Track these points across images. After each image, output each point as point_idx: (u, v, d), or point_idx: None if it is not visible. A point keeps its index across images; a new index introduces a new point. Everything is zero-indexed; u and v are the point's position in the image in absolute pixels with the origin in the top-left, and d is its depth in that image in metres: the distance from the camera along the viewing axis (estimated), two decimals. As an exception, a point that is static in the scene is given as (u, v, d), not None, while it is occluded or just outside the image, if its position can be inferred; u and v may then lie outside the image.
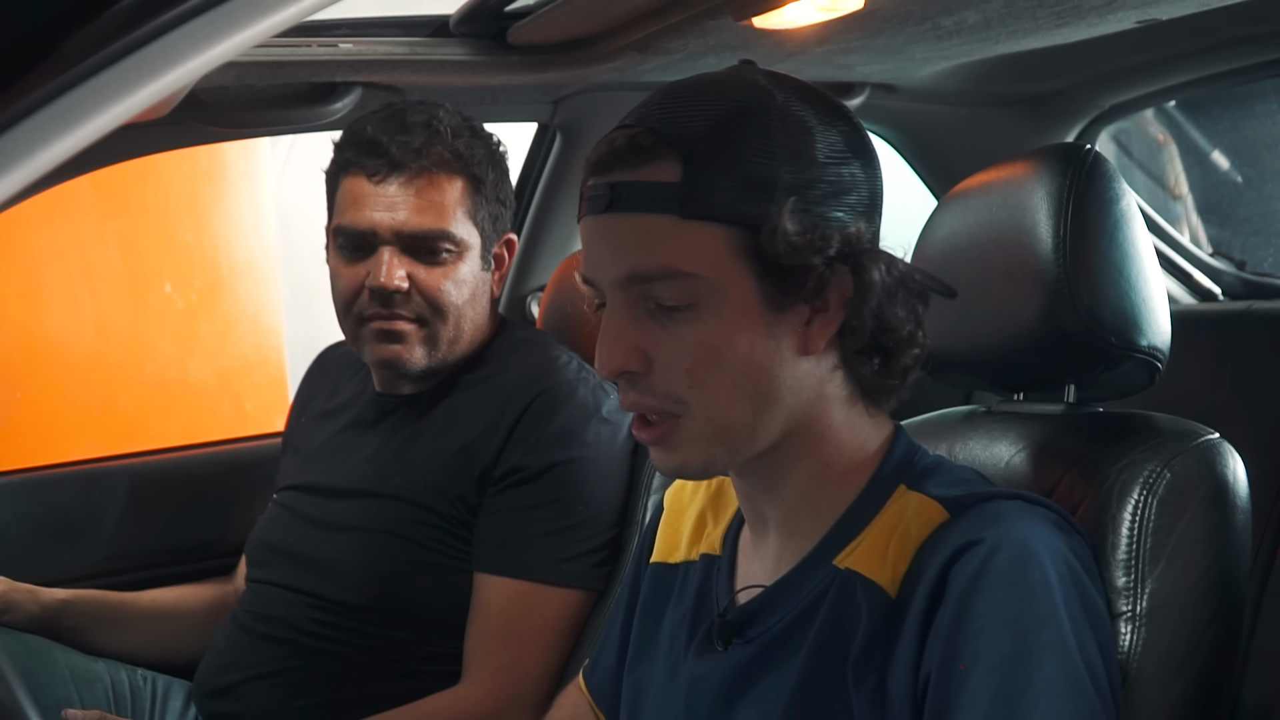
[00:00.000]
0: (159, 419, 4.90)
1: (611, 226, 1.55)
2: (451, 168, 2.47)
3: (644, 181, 1.52)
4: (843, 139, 1.55)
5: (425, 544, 2.45)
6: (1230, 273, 3.63)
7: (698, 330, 1.52)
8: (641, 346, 1.55)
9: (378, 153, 2.44)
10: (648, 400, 1.56)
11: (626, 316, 1.55)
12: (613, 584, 2.44)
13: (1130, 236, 1.73)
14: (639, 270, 1.53)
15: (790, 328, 1.54)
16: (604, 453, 2.48)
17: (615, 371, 1.56)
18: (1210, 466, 1.64)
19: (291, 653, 2.47)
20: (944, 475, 1.61)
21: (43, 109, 1.02)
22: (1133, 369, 1.76)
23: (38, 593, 2.68)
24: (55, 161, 1.01)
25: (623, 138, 1.54)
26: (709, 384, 1.53)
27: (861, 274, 1.53)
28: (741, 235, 1.50)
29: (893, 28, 2.53)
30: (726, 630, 1.66)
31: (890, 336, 1.58)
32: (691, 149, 1.50)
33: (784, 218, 1.48)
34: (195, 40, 1.06)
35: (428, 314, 2.48)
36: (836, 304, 1.54)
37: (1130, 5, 2.41)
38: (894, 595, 1.51)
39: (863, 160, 1.57)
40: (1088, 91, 3.41)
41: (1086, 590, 1.49)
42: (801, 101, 1.55)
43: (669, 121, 1.53)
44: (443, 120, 2.48)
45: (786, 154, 1.50)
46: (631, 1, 2.39)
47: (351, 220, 2.47)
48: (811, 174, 1.51)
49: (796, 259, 1.49)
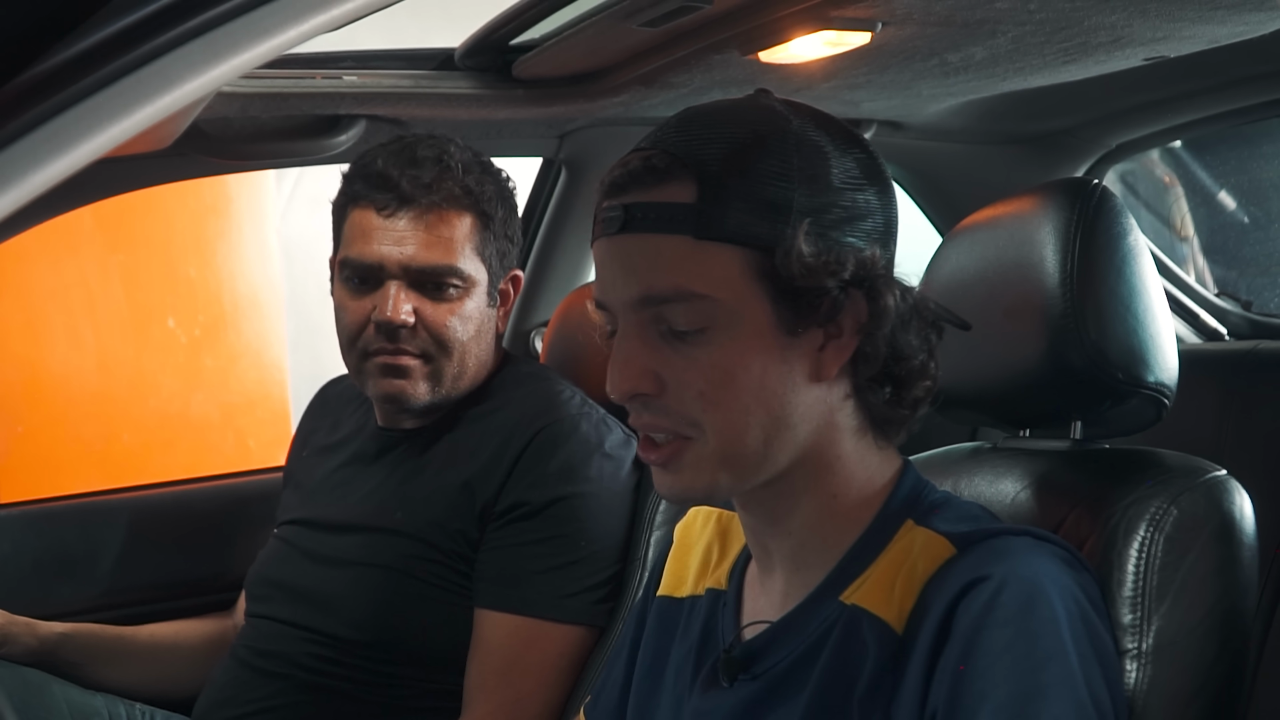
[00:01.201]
0: (161, 453, 4.90)
1: (625, 247, 1.55)
2: (461, 204, 2.45)
3: (659, 203, 1.52)
4: (858, 165, 1.55)
5: (426, 579, 2.44)
6: (1236, 313, 3.63)
7: (711, 353, 1.52)
8: (654, 369, 1.54)
9: (388, 186, 2.43)
10: (662, 421, 1.56)
11: (639, 339, 1.55)
12: (614, 620, 2.42)
13: (1138, 271, 1.73)
14: (653, 291, 1.52)
15: (803, 353, 1.53)
16: (607, 488, 2.46)
17: (627, 394, 1.56)
18: (1217, 503, 1.63)
19: (290, 688, 2.45)
20: (951, 511, 1.61)
21: (35, 130, 1.01)
22: (1139, 405, 1.75)
23: (36, 626, 2.67)
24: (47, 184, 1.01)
25: (638, 160, 1.54)
26: (722, 407, 1.52)
27: (876, 299, 1.53)
28: (756, 258, 1.50)
29: (900, 64, 2.53)
30: (732, 666, 1.64)
31: (903, 365, 1.57)
32: (706, 171, 1.50)
33: (799, 240, 1.47)
34: (190, 64, 1.06)
35: (433, 349, 2.47)
36: (850, 329, 1.54)
37: (1138, 43, 2.41)
38: (900, 632, 1.50)
39: (878, 187, 1.57)
40: (1095, 130, 3.41)
41: (1094, 627, 1.48)
42: (817, 128, 1.55)
43: (684, 144, 1.53)
44: (454, 155, 2.47)
45: (802, 178, 1.50)
46: (637, 36, 2.39)
47: (359, 253, 2.45)
48: (827, 198, 1.51)
49: (811, 281, 1.49)
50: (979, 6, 2.15)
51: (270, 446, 5.08)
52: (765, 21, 2.26)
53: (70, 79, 1.03)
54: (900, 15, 2.19)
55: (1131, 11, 2.21)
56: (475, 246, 2.48)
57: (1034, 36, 2.35)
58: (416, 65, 2.63)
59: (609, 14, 2.28)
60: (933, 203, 3.62)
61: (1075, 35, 2.34)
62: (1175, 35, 2.37)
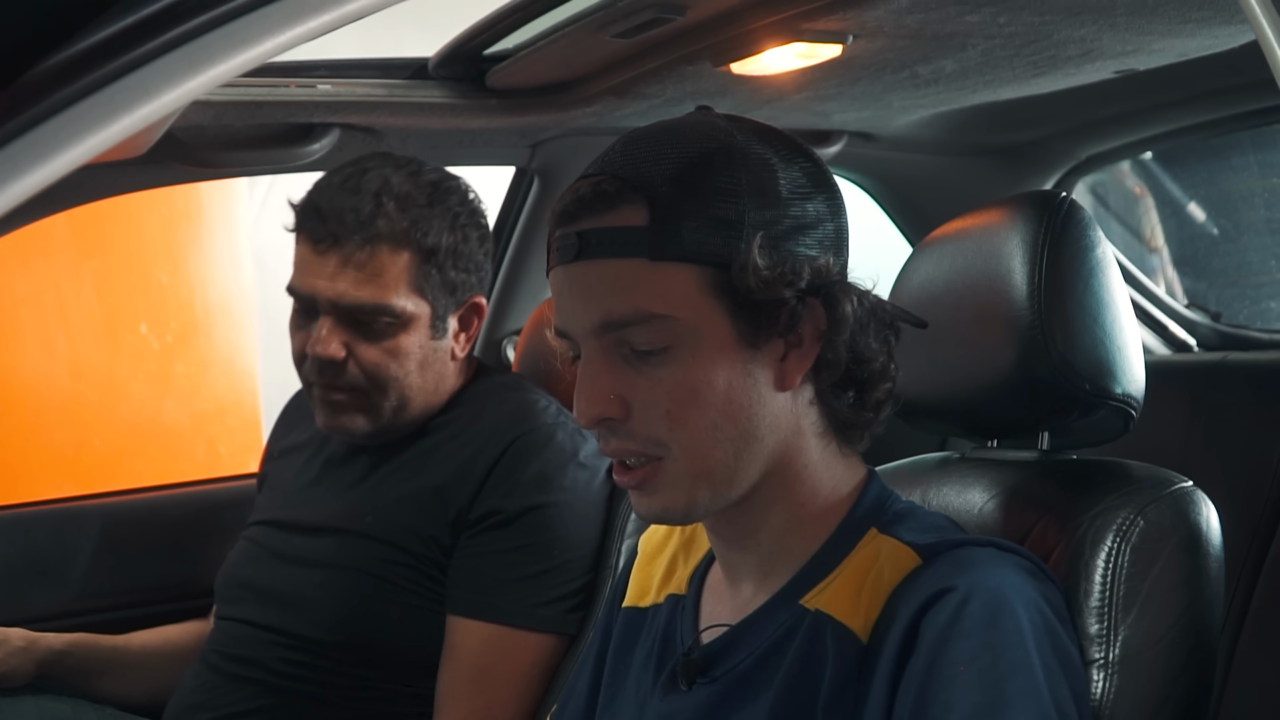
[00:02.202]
0: (132, 460, 4.88)
1: (582, 274, 1.56)
2: (397, 240, 2.41)
3: (612, 227, 1.53)
4: (805, 175, 1.56)
5: (397, 583, 2.44)
6: (1205, 324, 3.64)
7: (675, 372, 1.52)
8: (619, 393, 1.55)
9: (323, 221, 2.41)
10: (629, 445, 1.56)
11: (602, 364, 1.56)
12: (586, 628, 2.42)
13: (1105, 284, 1.74)
14: (612, 316, 1.53)
15: (766, 364, 1.54)
16: (581, 497, 2.47)
17: (594, 420, 1.56)
18: (1184, 514, 1.64)
19: (261, 692, 2.45)
20: (916, 521, 1.62)
21: (14, 140, 1.02)
22: (1107, 416, 1.76)
23: (36, 642, 2.66)
24: (28, 193, 1.01)
25: (587, 186, 1.55)
26: (689, 424, 1.53)
27: (834, 306, 1.54)
28: (712, 274, 1.51)
29: (870, 76, 2.54)
30: (691, 670, 1.65)
31: (865, 368, 1.58)
32: (656, 192, 1.51)
33: (753, 253, 1.48)
34: (168, 75, 1.06)
35: (364, 385, 2.46)
36: (811, 337, 1.55)
37: (1108, 56, 2.43)
38: (865, 640, 1.51)
39: (826, 194, 1.58)
40: (1065, 142, 3.43)
41: (1059, 638, 1.49)
42: (761, 141, 1.56)
43: (632, 167, 1.54)
44: (395, 188, 2.42)
45: (751, 191, 1.51)
46: (610, 47, 2.40)
47: (296, 284, 2.46)
48: (777, 210, 1.52)
49: (768, 293, 1.50)
50: (949, 20, 2.16)
51: (241, 453, 5.06)
52: (737, 34, 2.27)
53: (50, 90, 1.04)
54: (871, 28, 2.20)
55: (1101, 25, 2.23)
56: (411, 283, 2.44)
57: (1004, 49, 2.36)
58: (390, 74, 2.63)
59: (582, 25, 2.29)
60: (903, 213, 3.63)
61: (1045, 48, 2.36)
62: (1145, 48, 2.39)
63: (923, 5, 2.07)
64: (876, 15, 2.12)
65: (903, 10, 2.09)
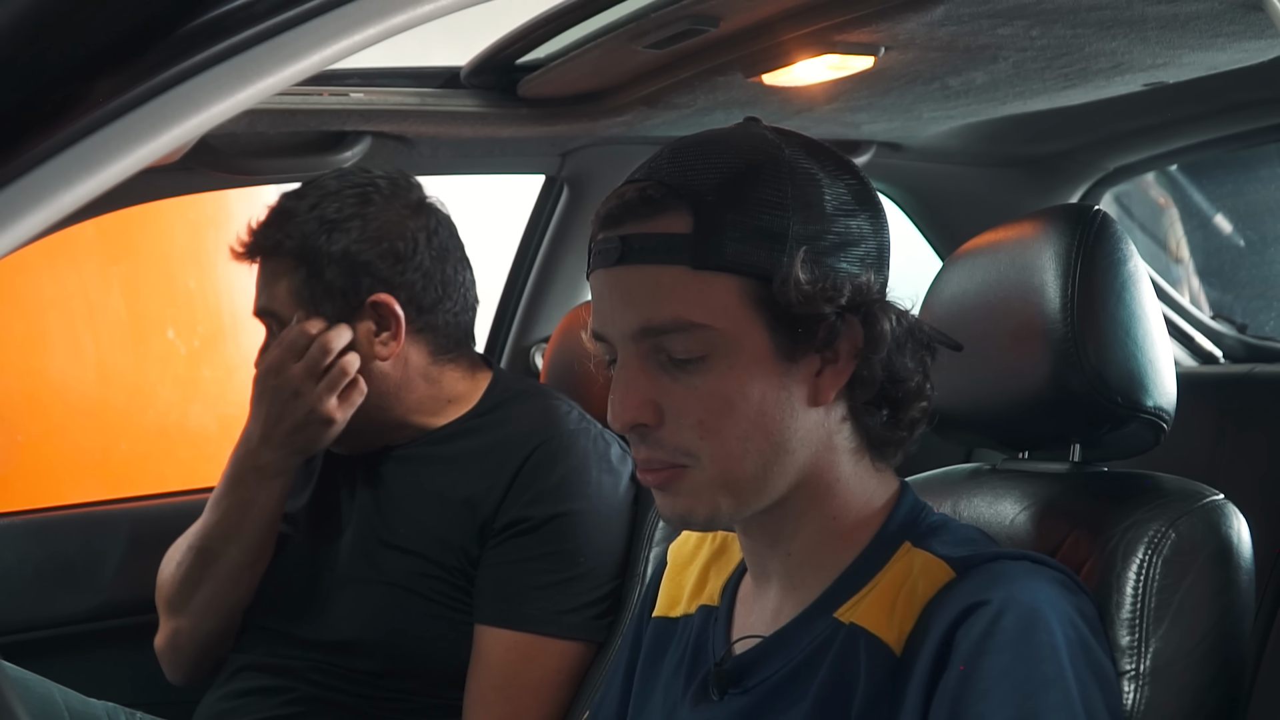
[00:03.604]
0: (159, 464, 4.90)
1: (623, 279, 1.56)
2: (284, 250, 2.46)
3: (655, 234, 1.53)
4: (850, 192, 1.56)
5: (426, 596, 2.44)
6: (1232, 336, 3.64)
7: (710, 381, 1.53)
8: (654, 398, 1.55)
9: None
10: (658, 454, 1.57)
11: (639, 369, 1.56)
12: (613, 635, 2.42)
13: (1137, 297, 1.74)
14: (652, 322, 1.53)
15: (801, 378, 1.55)
16: (606, 503, 2.47)
17: (627, 424, 1.57)
18: (1215, 527, 1.65)
19: (291, 700, 2.46)
20: (949, 534, 1.62)
21: (65, 151, 1.03)
22: (1138, 429, 1.76)
23: None
24: (77, 203, 1.02)
25: (633, 191, 1.55)
26: (720, 435, 1.53)
27: (872, 324, 1.54)
28: (753, 286, 1.51)
29: (901, 87, 2.54)
30: (723, 680, 1.65)
31: (900, 388, 1.59)
32: (702, 200, 1.51)
33: (796, 267, 1.49)
34: (218, 86, 1.08)
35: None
36: (847, 354, 1.55)
37: (1138, 69, 2.43)
38: (899, 654, 1.51)
39: (870, 212, 1.58)
40: (1093, 154, 3.43)
41: (1093, 651, 1.49)
42: (808, 156, 1.56)
43: (679, 174, 1.54)
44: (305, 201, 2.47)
45: (796, 205, 1.51)
46: (642, 57, 2.40)
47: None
48: (821, 225, 1.52)
49: (809, 308, 1.50)
50: (981, 33, 2.16)
51: (267, 459, 5.08)
52: (769, 45, 2.27)
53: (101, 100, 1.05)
54: (903, 40, 2.20)
55: (1132, 39, 2.23)
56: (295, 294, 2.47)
57: (1035, 62, 2.36)
58: (423, 83, 2.64)
59: (615, 36, 2.30)
60: (930, 224, 3.63)
61: (1076, 61, 2.36)
62: (1175, 62, 2.39)
63: (955, 18, 2.07)
64: (909, 28, 2.12)
65: (935, 23, 2.10)
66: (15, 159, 1.02)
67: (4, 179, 1.01)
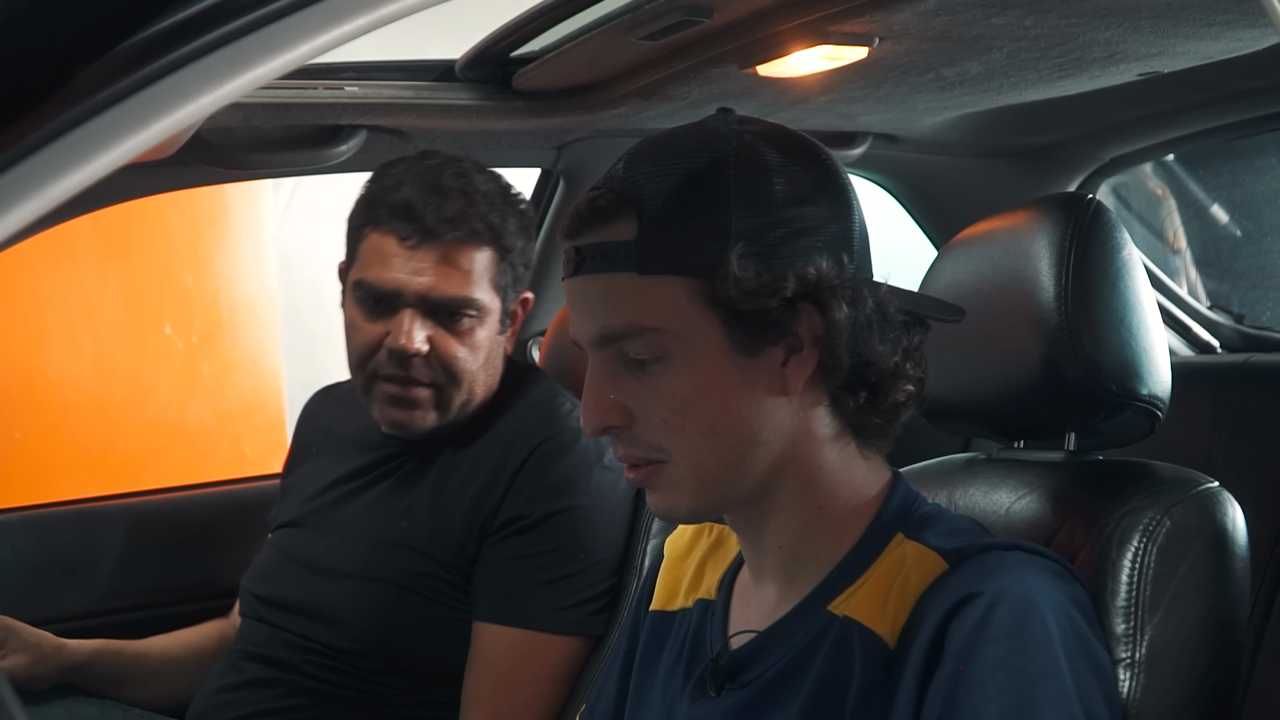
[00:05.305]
0: (157, 460, 4.90)
1: (581, 288, 1.59)
2: (482, 238, 2.45)
3: (604, 242, 1.55)
4: (808, 178, 1.56)
5: (425, 593, 2.45)
6: (1229, 326, 3.64)
7: (671, 381, 1.55)
8: (621, 401, 1.57)
9: (412, 218, 2.42)
10: (634, 451, 1.59)
11: (605, 374, 1.59)
12: (611, 629, 2.43)
13: (1132, 286, 1.74)
14: (607, 329, 1.56)
15: (765, 370, 1.55)
16: (605, 500, 2.47)
17: (598, 428, 1.60)
18: (1210, 515, 1.65)
19: (289, 693, 2.46)
20: (942, 525, 1.62)
21: (54, 142, 1.02)
22: (1133, 418, 1.76)
23: (64, 648, 2.69)
24: (66, 195, 1.02)
25: (586, 201, 1.58)
26: (685, 431, 1.55)
27: (827, 311, 1.54)
28: (700, 285, 1.52)
29: (896, 78, 2.54)
30: (720, 675, 1.65)
31: (872, 371, 1.58)
32: (646, 206, 1.53)
33: (733, 264, 1.49)
34: (207, 77, 1.07)
35: (442, 379, 2.48)
36: (810, 343, 1.55)
37: (1132, 58, 2.43)
38: (893, 646, 1.51)
39: (829, 197, 1.57)
40: (1089, 144, 3.42)
41: (1088, 641, 1.50)
42: (768, 145, 1.57)
43: (629, 182, 1.56)
44: (478, 187, 2.47)
45: (740, 201, 1.52)
46: (636, 49, 2.40)
47: (376, 277, 2.45)
48: (768, 218, 1.52)
49: (753, 303, 1.51)
50: (975, 23, 2.16)
51: (265, 453, 5.08)
52: (764, 36, 2.27)
53: (89, 91, 1.05)
54: (898, 31, 2.20)
55: (1126, 28, 2.22)
56: (492, 279, 2.49)
57: (1029, 52, 2.36)
58: (417, 76, 2.64)
59: (609, 28, 2.29)
60: (927, 215, 3.63)
61: (1070, 51, 2.36)
62: (1169, 51, 2.39)
63: (949, 8, 2.07)
64: (903, 18, 2.12)
65: (929, 13, 2.09)
66: (2, 150, 1.02)
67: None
